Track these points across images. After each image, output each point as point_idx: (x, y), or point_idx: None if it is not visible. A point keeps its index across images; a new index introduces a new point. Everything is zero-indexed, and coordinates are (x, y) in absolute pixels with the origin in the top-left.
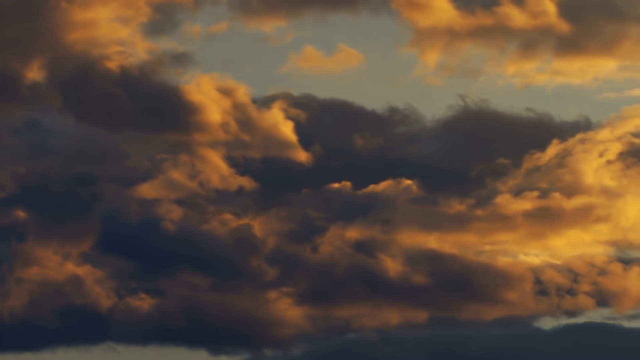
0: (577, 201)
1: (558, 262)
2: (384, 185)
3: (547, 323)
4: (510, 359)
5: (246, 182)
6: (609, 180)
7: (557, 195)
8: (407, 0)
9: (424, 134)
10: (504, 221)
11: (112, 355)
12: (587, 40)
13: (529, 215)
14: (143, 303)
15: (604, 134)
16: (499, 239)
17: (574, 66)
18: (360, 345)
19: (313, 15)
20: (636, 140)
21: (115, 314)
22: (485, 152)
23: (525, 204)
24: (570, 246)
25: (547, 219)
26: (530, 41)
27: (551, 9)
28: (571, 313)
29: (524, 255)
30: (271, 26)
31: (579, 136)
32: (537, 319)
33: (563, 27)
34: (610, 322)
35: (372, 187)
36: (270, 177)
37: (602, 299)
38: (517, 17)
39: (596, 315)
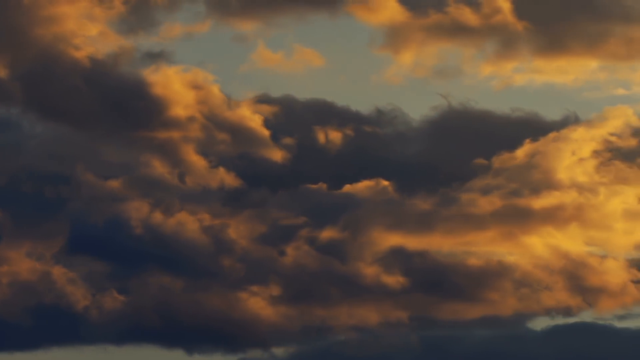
0: (550, 199)
1: (535, 260)
2: (360, 186)
3: (538, 323)
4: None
5: (221, 181)
6: (583, 178)
7: (531, 193)
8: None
9: (400, 134)
10: (480, 220)
11: (87, 355)
12: (570, 39)
13: (504, 214)
14: (116, 303)
15: (582, 132)
16: (475, 238)
17: (552, 65)
18: (346, 346)
19: (289, 16)
20: (612, 139)
21: (89, 314)
22: (463, 153)
23: (501, 203)
24: (546, 244)
25: (522, 218)
26: (508, 40)
27: (506, 7)
28: (553, 311)
29: (502, 254)
30: (247, 26)
31: (553, 135)
32: (528, 319)
33: (517, 25)
34: (601, 322)
35: (348, 188)
36: (245, 176)
37: (581, 295)
38: (469, 17)
39: (587, 315)
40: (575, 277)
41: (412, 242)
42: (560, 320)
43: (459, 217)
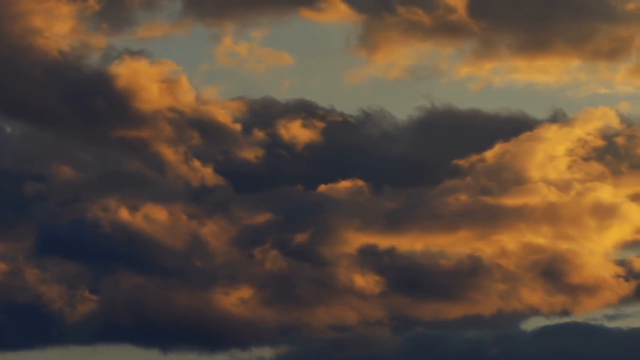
0: (525, 198)
1: (511, 259)
2: (335, 186)
3: (527, 324)
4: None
5: (193, 180)
6: (557, 176)
7: (506, 192)
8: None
9: (379, 134)
10: (455, 220)
11: (61, 356)
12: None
13: (479, 213)
14: (88, 303)
15: (559, 131)
16: (451, 237)
17: (533, 65)
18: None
19: (263, 17)
20: (589, 138)
21: (61, 315)
22: (441, 153)
23: (475, 202)
24: (522, 242)
25: (498, 216)
26: (485, 42)
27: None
28: (535, 309)
29: (478, 253)
30: (221, 24)
31: (528, 134)
32: (511, 317)
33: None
34: (592, 322)
35: (323, 188)
36: (219, 175)
37: (557, 292)
38: (423, 18)
39: (567, 312)
40: (553, 274)
41: (386, 241)
42: (550, 321)
43: (434, 216)
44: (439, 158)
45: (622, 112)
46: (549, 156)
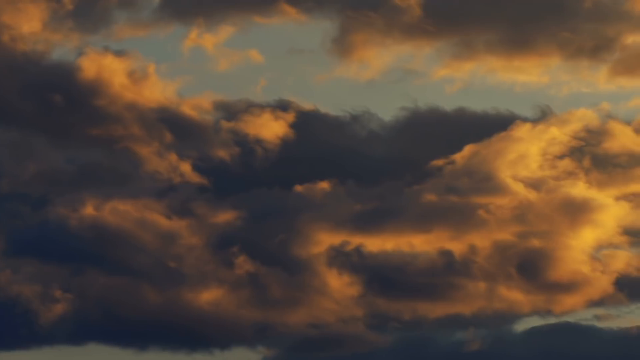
0: (498, 197)
1: (487, 258)
2: (310, 186)
3: (519, 325)
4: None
5: (167, 180)
6: (531, 174)
7: (479, 192)
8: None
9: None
10: (430, 218)
11: (34, 357)
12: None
13: (453, 212)
14: (62, 303)
15: (534, 130)
16: (425, 237)
17: (512, 65)
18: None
19: (235, 16)
20: (565, 138)
21: (34, 315)
22: (417, 153)
23: (450, 202)
24: (496, 241)
25: (472, 216)
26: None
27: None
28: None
29: (454, 251)
30: (193, 23)
31: (503, 134)
32: (506, 318)
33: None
34: (583, 322)
35: (300, 188)
36: (193, 173)
37: (535, 290)
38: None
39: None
40: (529, 272)
41: (358, 241)
42: (541, 321)
43: (407, 216)
44: (414, 158)
45: (602, 112)
46: (523, 155)
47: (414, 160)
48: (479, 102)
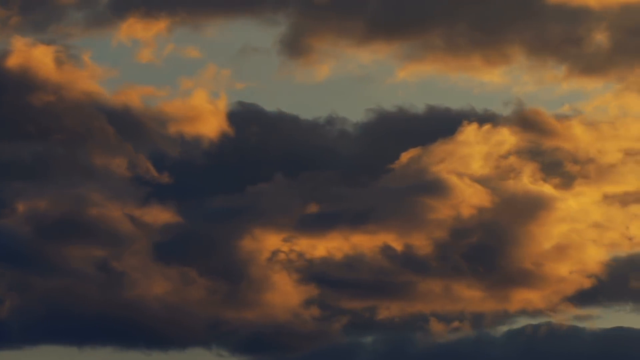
0: (449, 196)
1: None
2: (261, 187)
3: (500, 327)
4: None
5: (113, 178)
6: (482, 172)
7: (429, 192)
8: None
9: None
10: (379, 220)
11: None
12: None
13: (405, 212)
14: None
15: (485, 131)
16: (374, 238)
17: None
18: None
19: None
20: (516, 138)
21: None
22: (372, 155)
23: (401, 201)
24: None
25: (422, 215)
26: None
27: None
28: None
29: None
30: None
31: (449, 137)
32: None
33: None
34: (568, 323)
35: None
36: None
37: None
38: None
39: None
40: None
41: (306, 243)
42: (523, 322)
43: (357, 217)
44: (368, 160)
45: (557, 112)
46: (473, 155)
47: (369, 162)
48: (429, 101)
